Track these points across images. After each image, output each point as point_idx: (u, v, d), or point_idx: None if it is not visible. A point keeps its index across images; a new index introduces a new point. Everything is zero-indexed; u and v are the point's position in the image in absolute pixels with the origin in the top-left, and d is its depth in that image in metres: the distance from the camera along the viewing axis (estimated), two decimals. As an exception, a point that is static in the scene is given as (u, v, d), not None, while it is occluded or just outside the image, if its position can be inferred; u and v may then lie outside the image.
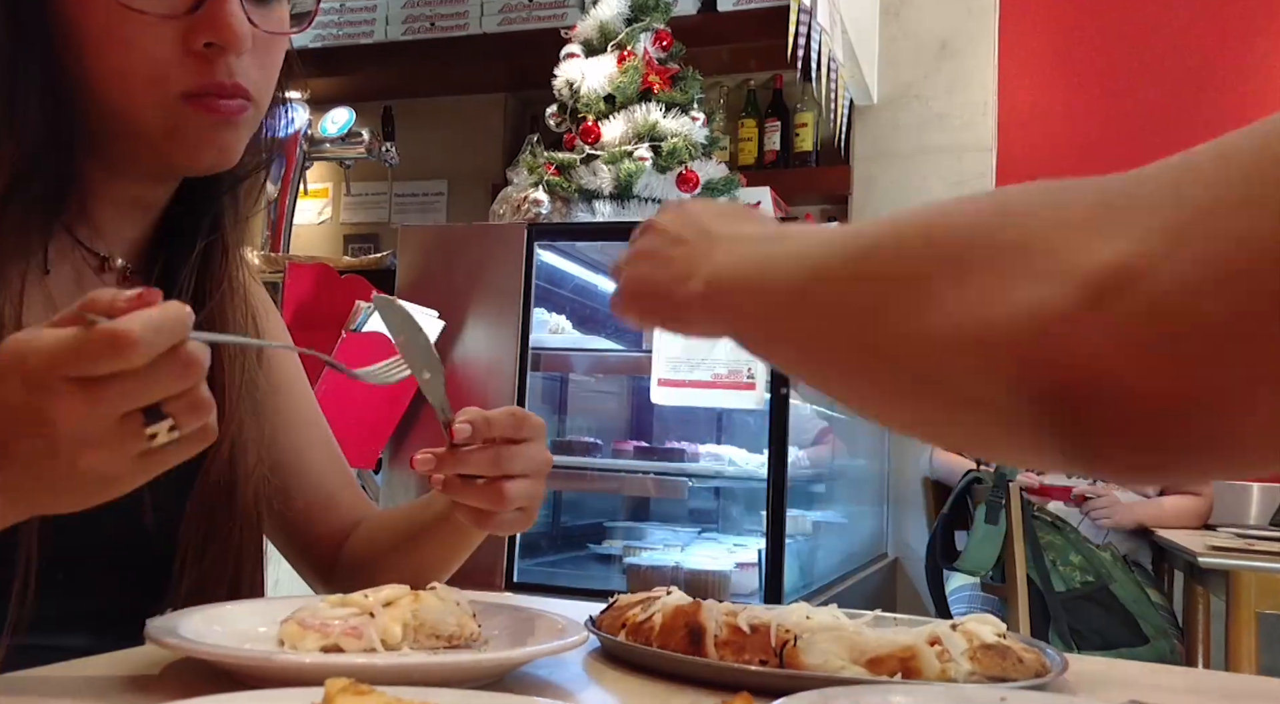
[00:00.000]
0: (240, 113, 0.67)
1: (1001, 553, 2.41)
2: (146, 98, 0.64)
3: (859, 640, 0.60)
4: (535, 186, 2.02)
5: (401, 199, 3.95)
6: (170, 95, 0.64)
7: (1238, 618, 2.05)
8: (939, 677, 0.58)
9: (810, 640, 0.60)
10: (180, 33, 0.63)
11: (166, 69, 0.63)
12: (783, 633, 0.60)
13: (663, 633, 0.63)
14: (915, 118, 3.36)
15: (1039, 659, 0.64)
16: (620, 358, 2.13)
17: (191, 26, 0.63)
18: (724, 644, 0.61)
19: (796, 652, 0.59)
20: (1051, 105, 3.25)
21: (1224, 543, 2.20)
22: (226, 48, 0.64)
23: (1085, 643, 2.36)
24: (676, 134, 1.99)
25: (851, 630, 0.62)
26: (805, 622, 0.63)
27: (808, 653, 0.59)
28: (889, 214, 0.43)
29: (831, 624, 0.63)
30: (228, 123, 0.66)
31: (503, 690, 0.56)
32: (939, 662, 0.59)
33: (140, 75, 0.63)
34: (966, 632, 0.63)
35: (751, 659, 0.60)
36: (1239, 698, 0.69)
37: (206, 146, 0.66)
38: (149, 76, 0.63)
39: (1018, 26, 3.33)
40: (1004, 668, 0.62)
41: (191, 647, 0.54)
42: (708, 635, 0.61)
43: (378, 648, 0.58)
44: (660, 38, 2.12)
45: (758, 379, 1.77)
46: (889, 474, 3.27)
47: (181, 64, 0.63)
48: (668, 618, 0.64)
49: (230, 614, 0.65)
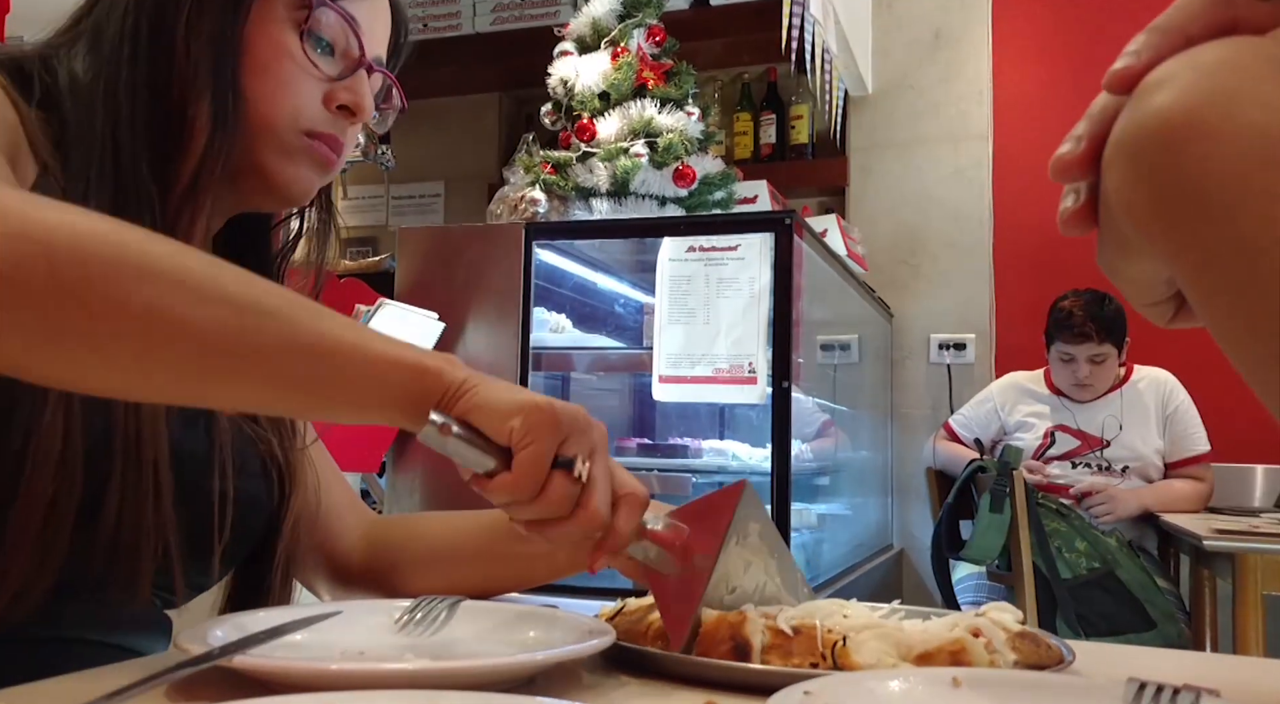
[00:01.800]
0: (334, 165, 0.82)
1: (1007, 541, 2.41)
2: (279, 122, 0.77)
3: (904, 637, 0.60)
4: (532, 185, 2.02)
5: (398, 201, 3.96)
6: (296, 129, 0.78)
7: (1244, 600, 2.05)
8: (987, 668, 0.59)
9: (859, 640, 0.59)
10: (323, 92, 0.79)
11: (303, 111, 0.78)
12: (829, 634, 0.60)
13: (705, 641, 0.62)
14: (910, 107, 3.35)
15: (1058, 647, 0.64)
16: (621, 355, 2.13)
17: (333, 91, 0.79)
18: (770, 649, 0.60)
19: (848, 652, 0.58)
20: (1047, 92, 3.25)
21: (1229, 526, 2.20)
22: (356, 113, 0.80)
23: (1092, 629, 2.36)
24: (672, 130, 1.99)
25: (893, 627, 0.61)
26: (844, 620, 0.62)
27: (859, 652, 0.58)
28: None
29: (871, 620, 0.63)
30: (324, 168, 0.81)
31: (531, 693, 0.56)
32: (986, 652, 0.59)
33: (285, 106, 0.77)
34: (996, 621, 0.63)
35: (801, 663, 0.59)
36: (1246, 680, 0.69)
37: (302, 178, 0.80)
38: (290, 110, 0.77)
39: (1011, 13, 3.33)
40: (1039, 655, 0.62)
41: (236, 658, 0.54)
42: (754, 652, 0.60)
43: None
44: (653, 33, 2.12)
45: (759, 373, 1.77)
46: (892, 465, 3.28)
47: (315, 112, 0.78)
48: (710, 626, 0.62)
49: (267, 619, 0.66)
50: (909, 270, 3.30)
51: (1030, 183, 3.17)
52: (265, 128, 0.77)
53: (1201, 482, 2.75)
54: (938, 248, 3.29)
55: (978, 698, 0.53)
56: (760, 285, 1.79)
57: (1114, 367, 2.77)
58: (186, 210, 0.74)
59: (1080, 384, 2.75)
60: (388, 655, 0.65)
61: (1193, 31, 0.40)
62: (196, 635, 0.60)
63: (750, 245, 1.82)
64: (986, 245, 3.25)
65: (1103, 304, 2.70)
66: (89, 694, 0.48)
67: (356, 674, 0.55)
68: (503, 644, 0.68)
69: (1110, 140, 0.41)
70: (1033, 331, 2.90)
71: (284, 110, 0.77)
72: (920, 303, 3.28)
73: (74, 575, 0.68)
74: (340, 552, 0.90)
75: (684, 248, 1.86)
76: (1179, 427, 2.77)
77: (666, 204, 2.01)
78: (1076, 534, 2.49)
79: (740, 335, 1.79)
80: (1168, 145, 0.38)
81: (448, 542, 0.87)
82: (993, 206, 3.26)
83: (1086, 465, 2.77)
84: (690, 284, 1.85)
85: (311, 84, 0.78)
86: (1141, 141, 0.39)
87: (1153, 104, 0.39)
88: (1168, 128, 0.38)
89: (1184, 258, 0.39)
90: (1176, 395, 2.79)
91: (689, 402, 2.04)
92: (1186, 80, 0.38)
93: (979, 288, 3.25)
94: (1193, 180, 0.37)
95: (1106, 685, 0.54)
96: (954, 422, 2.98)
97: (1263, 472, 2.97)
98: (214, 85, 0.74)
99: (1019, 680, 0.56)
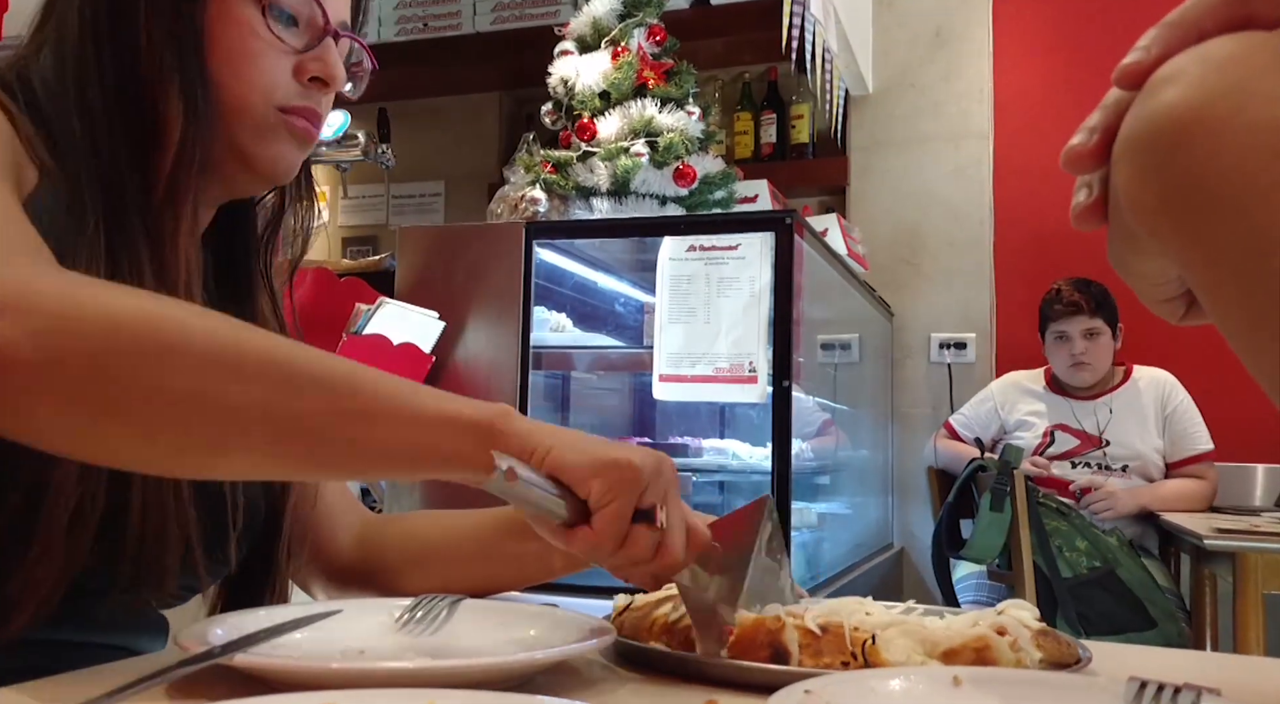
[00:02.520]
0: (313, 138, 0.80)
1: (1007, 540, 2.41)
2: (253, 102, 0.76)
3: (929, 634, 0.60)
4: (532, 185, 2.02)
5: (399, 200, 3.95)
6: (270, 106, 0.77)
7: (1245, 600, 2.05)
8: (1013, 666, 0.59)
9: (887, 637, 0.60)
10: (293, 64, 0.78)
11: (275, 86, 0.77)
12: (856, 632, 0.60)
13: (741, 645, 0.62)
14: (911, 106, 3.35)
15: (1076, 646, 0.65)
16: (621, 354, 2.13)
17: (303, 62, 0.78)
18: (800, 648, 0.60)
19: (877, 650, 0.59)
20: (1048, 90, 3.25)
21: (1230, 525, 2.20)
22: (329, 83, 0.79)
23: (1093, 628, 2.36)
24: (672, 129, 1.99)
25: (916, 624, 0.62)
26: (868, 618, 0.62)
27: (888, 650, 0.59)
28: None
29: (895, 618, 0.63)
30: (303, 141, 0.80)
31: (531, 692, 0.56)
32: (1010, 650, 0.59)
33: (256, 84, 0.76)
34: (1016, 619, 0.63)
35: (832, 662, 0.59)
36: (1246, 679, 0.69)
37: (284, 155, 0.79)
38: (262, 87, 0.76)
39: (1012, 12, 3.33)
40: (1062, 653, 0.62)
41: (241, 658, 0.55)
42: (792, 659, 0.60)
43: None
44: (654, 33, 2.11)
45: (759, 372, 1.77)
46: (893, 464, 3.27)
47: (287, 86, 0.77)
48: (747, 631, 0.62)
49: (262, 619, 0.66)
50: (910, 269, 3.30)
51: (1031, 182, 3.17)
52: (240, 110, 0.76)
53: (1203, 480, 2.74)
54: (938, 247, 3.28)
55: (978, 697, 0.53)
56: (761, 285, 1.79)
57: (1109, 348, 2.76)
58: (170, 206, 0.73)
59: (1077, 362, 2.74)
60: (388, 654, 0.65)
61: (1206, 26, 0.40)
62: (197, 634, 0.60)
63: (751, 245, 1.82)
64: (987, 244, 3.25)
65: (1089, 283, 2.74)
66: (91, 692, 0.48)
67: (357, 673, 0.55)
68: (503, 643, 0.68)
69: (1119, 136, 0.40)
70: (1033, 331, 2.90)
71: (256, 89, 0.76)
72: (921, 302, 3.28)
73: (103, 579, 0.68)
74: (335, 551, 0.89)
75: (684, 247, 1.86)
76: (1179, 426, 2.77)
77: (667, 203, 2.01)
78: (1077, 533, 2.49)
79: (741, 335, 1.79)
80: (1176, 142, 0.37)
81: (442, 541, 0.87)
82: (993, 205, 3.26)
83: (1086, 465, 2.77)
84: (691, 283, 1.85)
85: (280, 59, 0.77)
86: (1150, 138, 0.39)
87: (1161, 100, 0.38)
88: (1176, 124, 0.38)
89: (1191, 254, 0.38)
90: (1176, 395, 2.78)
91: (689, 401, 2.04)
92: (1195, 75, 0.38)
93: (980, 287, 3.24)
94: (1201, 176, 0.37)
95: (1107, 684, 0.54)
96: (955, 421, 2.98)
97: (1263, 471, 2.97)
98: (181, 74, 0.73)
99: (1020, 679, 0.56)
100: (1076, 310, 2.71)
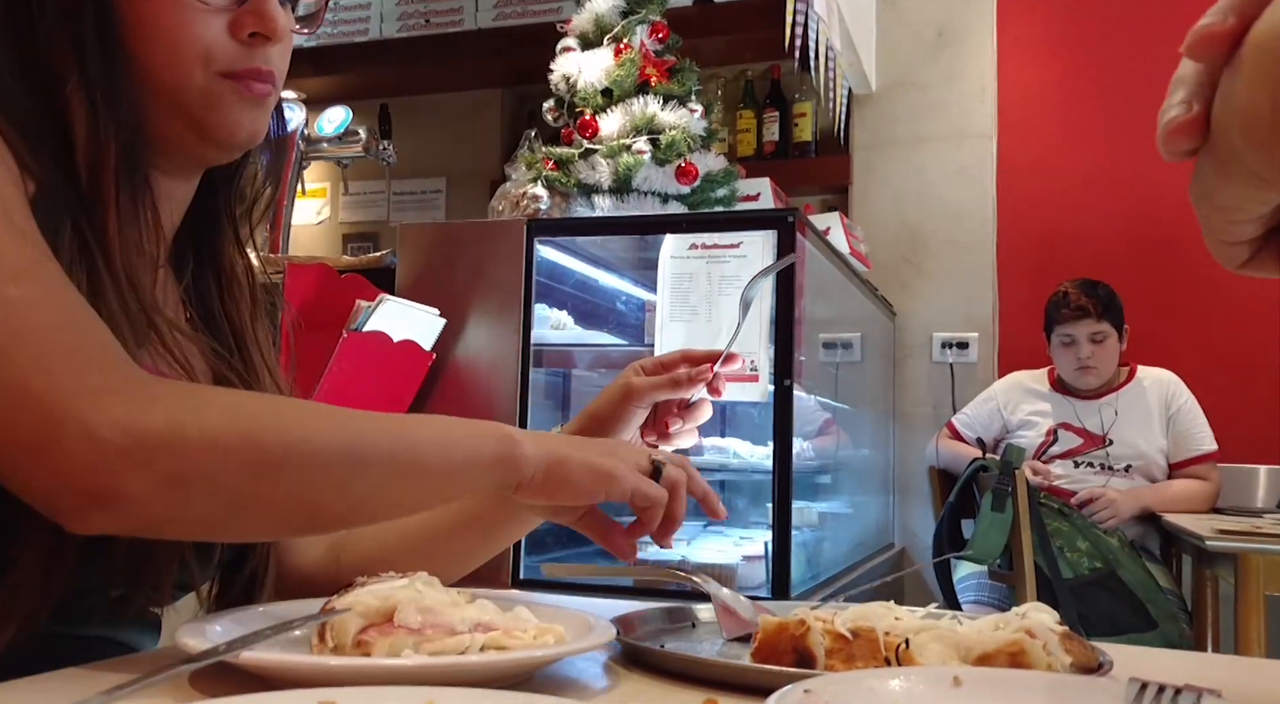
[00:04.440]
0: (269, 95, 0.76)
1: (1008, 540, 2.41)
2: (192, 74, 0.71)
3: (962, 639, 0.60)
4: (534, 182, 2.02)
5: (400, 197, 3.95)
6: (211, 74, 0.72)
7: (1246, 601, 2.05)
8: (1045, 669, 0.58)
9: (921, 642, 0.59)
10: (227, 22, 0.72)
11: (212, 51, 0.72)
12: (888, 636, 0.60)
13: (766, 650, 0.62)
14: (914, 106, 3.35)
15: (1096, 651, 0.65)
16: (623, 353, 2.13)
17: (238, 18, 0.72)
18: (831, 653, 0.60)
19: (912, 655, 0.59)
20: (1051, 90, 3.24)
21: (1231, 526, 2.20)
22: (269, 38, 0.73)
23: (1094, 629, 2.35)
24: (675, 126, 1.99)
25: (947, 629, 0.61)
26: (898, 623, 0.62)
27: (922, 655, 0.59)
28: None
29: (925, 622, 0.63)
30: (260, 103, 0.75)
31: (531, 691, 0.56)
32: (1044, 654, 0.59)
33: (189, 55, 0.71)
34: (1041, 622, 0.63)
35: (865, 666, 0.59)
36: (1247, 681, 0.69)
37: (242, 122, 0.74)
38: (197, 56, 0.71)
39: (1015, 11, 3.32)
40: (1088, 657, 0.62)
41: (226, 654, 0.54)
42: (819, 663, 0.60)
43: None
44: (656, 30, 2.11)
45: (761, 371, 1.76)
46: (894, 464, 3.27)
47: (225, 48, 0.72)
48: (771, 635, 0.62)
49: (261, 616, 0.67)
50: (912, 269, 3.30)
51: (1034, 181, 3.17)
52: (179, 86, 0.71)
53: (1206, 481, 2.74)
54: (940, 246, 3.28)
55: (979, 697, 0.53)
56: (762, 283, 1.78)
57: (1115, 350, 2.76)
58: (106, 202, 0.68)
59: (1084, 366, 2.74)
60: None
61: None
62: (197, 631, 0.60)
63: (753, 243, 1.81)
64: (990, 244, 3.25)
65: (1095, 285, 2.72)
66: (92, 689, 0.48)
67: (357, 670, 0.55)
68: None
69: (1249, 38, 0.36)
70: (1036, 330, 2.90)
71: (189, 61, 0.71)
72: (923, 301, 3.28)
73: (96, 581, 0.67)
74: (297, 550, 0.88)
75: (686, 245, 1.86)
76: (1182, 426, 2.76)
77: (669, 201, 2.01)
78: (1078, 534, 2.48)
79: (742, 333, 1.79)
80: None
81: (394, 536, 0.87)
82: (996, 205, 3.26)
83: (1089, 464, 2.77)
84: (692, 281, 1.85)
85: (209, 21, 0.71)
86: None
87: None
88: None
89: None
90: (1180, 395, 2.78)
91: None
92: None
93: (982, 287, 3.24)
94: None
95: (1108, 685, 0.54)
96: (957, 420, 2.98)
97: (1265, 472, 2.97)
98: (78, 62, 0.68)
99: (1019, 680, 0.56)
100: (1084, 314, 2.70)
